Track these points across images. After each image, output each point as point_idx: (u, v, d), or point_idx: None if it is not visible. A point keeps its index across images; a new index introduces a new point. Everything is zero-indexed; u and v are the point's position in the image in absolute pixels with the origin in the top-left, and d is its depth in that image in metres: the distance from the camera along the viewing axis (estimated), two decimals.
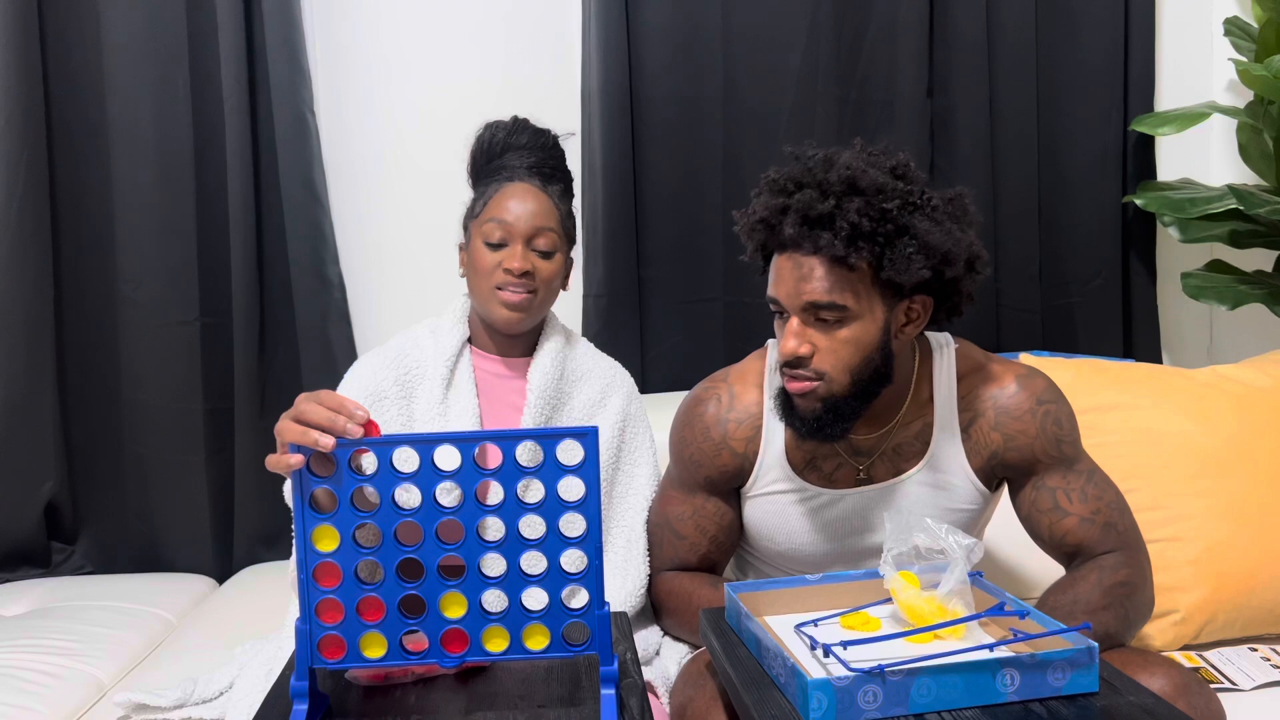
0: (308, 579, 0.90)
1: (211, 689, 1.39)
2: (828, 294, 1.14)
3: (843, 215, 1.11)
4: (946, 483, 1.28)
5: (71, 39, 1.90)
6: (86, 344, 1.95)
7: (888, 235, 1.12)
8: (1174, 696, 1.05)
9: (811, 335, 1.16)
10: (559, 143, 1.45)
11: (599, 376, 1.46)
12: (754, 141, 2.03)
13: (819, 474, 1.29)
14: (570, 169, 1.46)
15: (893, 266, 1.12)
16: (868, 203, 1.12)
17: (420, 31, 2.02)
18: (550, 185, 1.40)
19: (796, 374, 1.18)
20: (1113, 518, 1.23)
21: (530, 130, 1.43)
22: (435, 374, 1.38)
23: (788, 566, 1.36)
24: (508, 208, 1.36)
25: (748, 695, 0.93)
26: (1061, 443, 1.26)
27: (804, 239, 1.13)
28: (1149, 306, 2.17)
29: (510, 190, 1.37)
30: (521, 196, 1.37)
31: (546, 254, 1.37)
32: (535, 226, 1.35)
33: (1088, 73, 2.11)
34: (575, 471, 0.89)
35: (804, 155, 1.21)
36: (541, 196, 1.38)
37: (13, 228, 1.85)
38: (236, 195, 1.90)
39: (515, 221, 1.35)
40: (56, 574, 1.96)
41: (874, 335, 1.17)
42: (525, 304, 1.36)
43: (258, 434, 1.95)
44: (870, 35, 2.03)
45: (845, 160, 1.16)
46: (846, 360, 1.16)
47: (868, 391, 1.19)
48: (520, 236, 1.35)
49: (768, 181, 1.21)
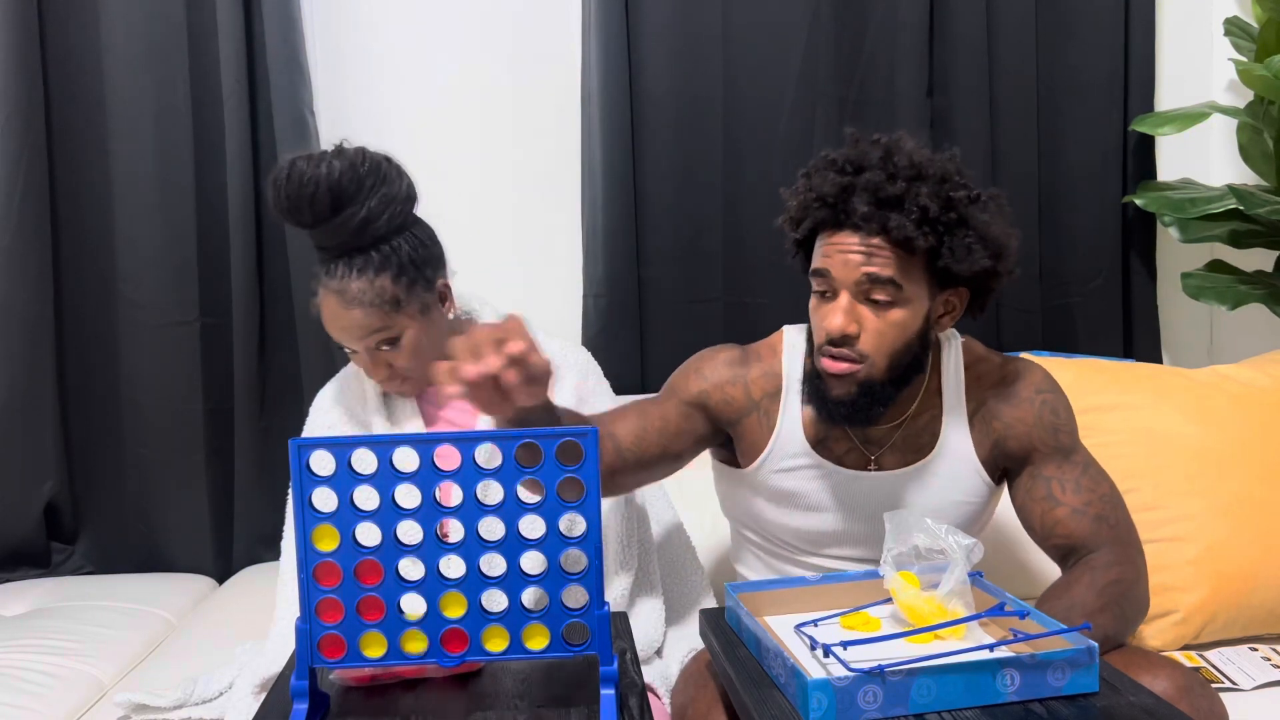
0: (308, 579, 0.90)
1: (211, 689, 1.39)
2: (884, 268, 1.14)
3: (913, 199, 1.12)
4: (956, 473, 1.28)
5: (71, 39, 1.90)
6: (86, 344, 1.95)
7: (950, 223, 1.13)
8: (1176, 697, 1.04)
9: (861, 314, 1.17)
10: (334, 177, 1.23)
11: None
12: (754, 141, 2.03)
13: (831, 454, 1.29)
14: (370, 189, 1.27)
15: (952, 255, 1.14)
16: (936, 189, 1.13)
17: (420, 32, 2.02)
18: (359, 270, 1.27)
19: (841, 353, 1.17)
20: (1104, 511, 1.23)
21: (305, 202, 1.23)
22: (375, 406, 1.40)
23: (799, 545, 1.33)
24: (332, 327, 1.31)
25: (748, 695, 0.93)
26: (1058, 431, 1.26)
27: (873, 218, 1.14)
28: (1149, 306, 2.17)
29: (325, 309, 1.30)
30: (334, 316, 1.29)
31: (393, 341, 1.31)
32: (362, 339, 1.30)
33: (1088, 73, 2.11)
34: (575, 471, 0.89)
35: (865, 139, 1.21)
36: (351, 311, 1.27)
37: (13, 228, 1.85)
38: (236, 195, 1.90)
39: (343, 340, 1.31)
40: (56, 574, 1.96)
41: (917, 322, 1.18)
42: (409, 387, 1.37)
43: (258, 434, 1.95)
44: (870, 35, 2.03)
45: (910, 148, 1.17)
46: (890, 344, 1.17)
47: (902, 379, 1.20)
48: (360, 349, 1.32)
49: (826, 161, 1.21)
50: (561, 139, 2.04)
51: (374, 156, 1.28)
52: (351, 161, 1.25)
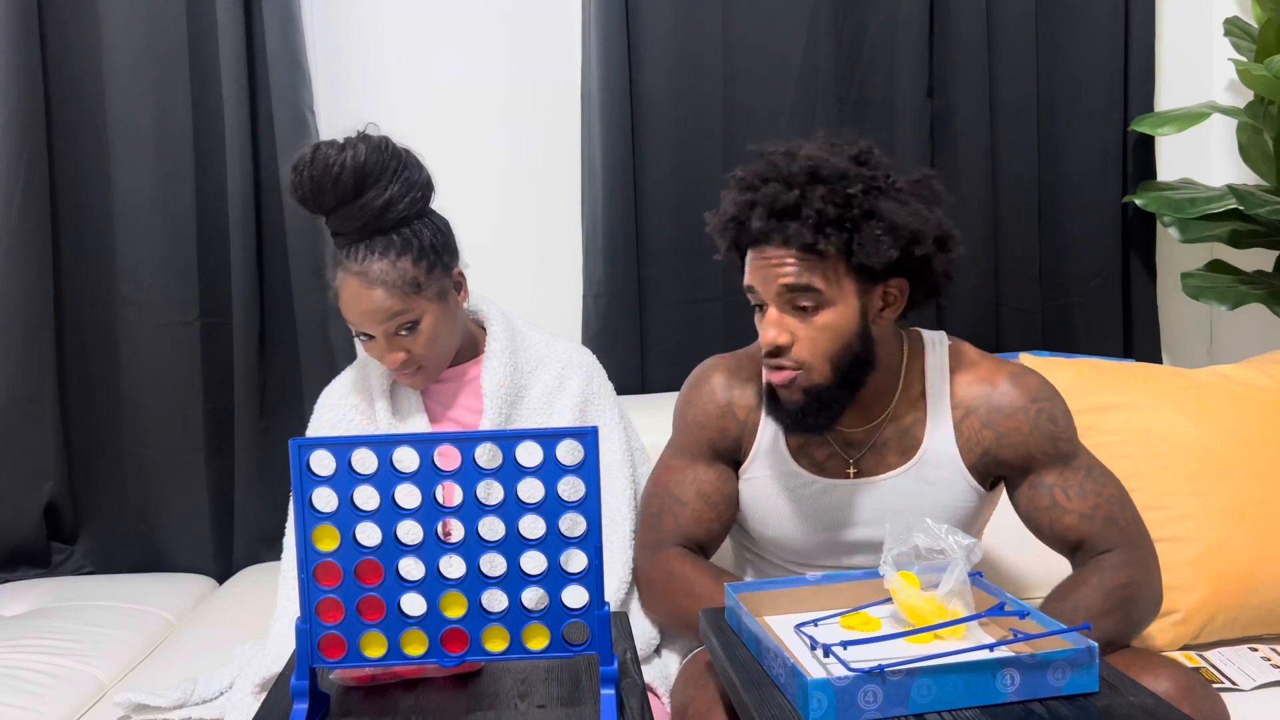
0: (308, 578, 0.90)
1: (211, 689, 1.39)
2: (798, 277, 1.15)
3: (808, 204, 1.14)
4: (939, 479, 1.27)
5: (71, 39, 1.89)
6: (86, 344, 1.95)
7: (854, 220, 1.14)
8: (1178, 698, 1.04)
9: (790, 324, 1.18)
10: (360, 159, 1.25)
11: (554, 361, 1.45)
12: (754, 141, 2.02)
13: (810, 460, 1.30)
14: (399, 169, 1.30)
15: (862, 250, 1.14)
16: (832, 190, 1.14)
17: (420, 32, 2.02)
18: (381, 252, 1.28)
19: (778, 364, 1.19)
20: (1113, 512, 1.22)
21: (329, 184, 1.25)
22: (382, 400, 1.41)
23: (777, 553, 1.35)
24: (349, 310, 1.31)
25: (748, 695, 0.93)
26: (1058, 440, 1.25)
27: (773, 231, 1.15)
28: (1149, 306, 2.17)
29: (343, 291, 1.31)
30: (353, 298, 1.30)
31: (411, 327, 1.32)
32: (382, 323, 1.30)
33: (1088, 73, 2.11)
34: (575, 471, 0.89)
35: (767, 151, 1.23)
36: (372, 291, 1.28)
37: (13, 228, 1.85)
38: (236, 195, 1.90)
39: (363, 324, 1.31)
40: (56, 574, 1.96)
41: (851, 321, 1.18)
42: (420, 378, 1.37)
43: (258, 434, 1.95)
44: (870, 35, 2.03)
45: (807, 151, 1.19)
46: (825, 348, 1.18)
47: (850, 379, 1.21)
48: (377, 334, 1.32)
49: (734, 179, 1.23)
50: (561, 139, 2.04)
51: (396, 144, 1.31)
52: (375, 146, 1.28)
